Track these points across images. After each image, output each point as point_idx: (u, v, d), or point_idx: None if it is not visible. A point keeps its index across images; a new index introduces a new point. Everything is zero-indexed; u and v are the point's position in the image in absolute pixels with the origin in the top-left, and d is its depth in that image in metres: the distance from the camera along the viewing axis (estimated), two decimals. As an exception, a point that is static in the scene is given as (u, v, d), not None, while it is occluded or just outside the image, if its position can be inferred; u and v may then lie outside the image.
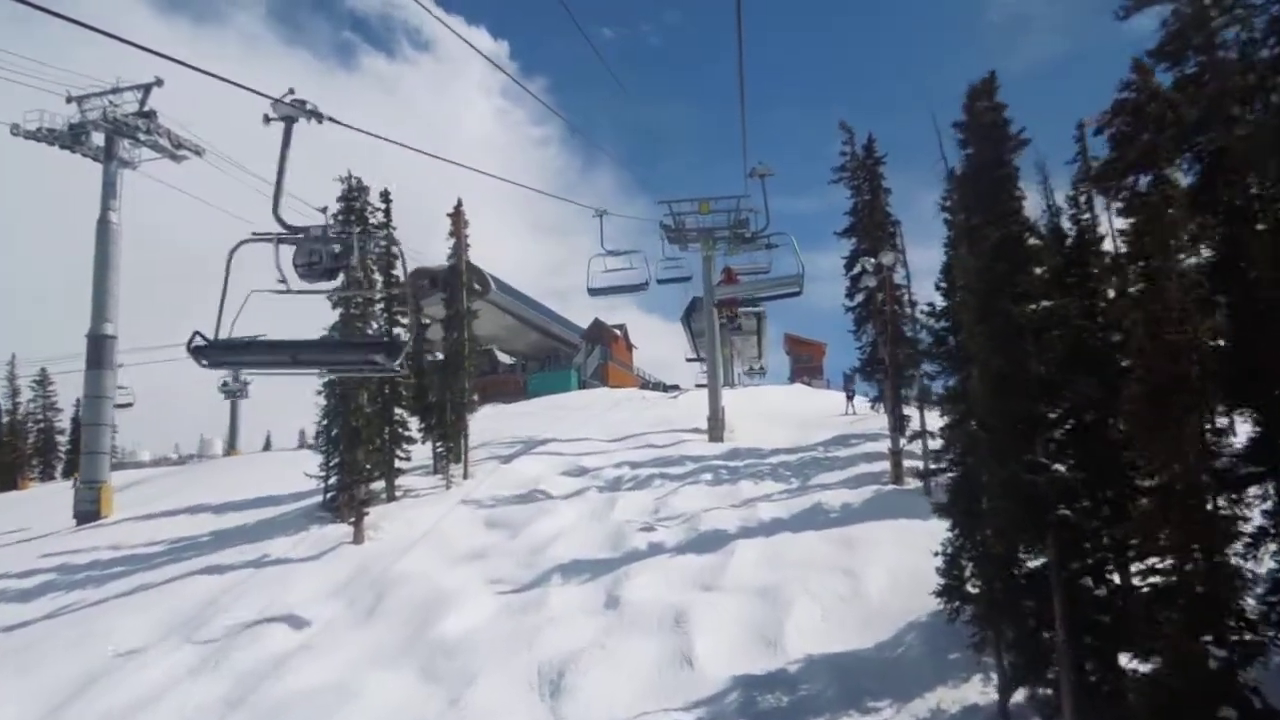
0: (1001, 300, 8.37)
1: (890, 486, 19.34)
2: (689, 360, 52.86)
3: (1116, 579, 8.48)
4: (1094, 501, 8.23)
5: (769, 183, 29.18)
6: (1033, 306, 8.34)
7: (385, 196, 24.21)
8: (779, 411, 33.68)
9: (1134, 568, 8.35)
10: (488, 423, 34.96)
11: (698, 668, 12.15)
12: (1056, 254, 8.87)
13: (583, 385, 45.70)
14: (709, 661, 12.19)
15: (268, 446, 55.39)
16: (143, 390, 46.58)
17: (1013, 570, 9.01)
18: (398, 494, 22.78)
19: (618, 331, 54.67)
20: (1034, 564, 9.11)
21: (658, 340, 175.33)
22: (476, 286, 41.37)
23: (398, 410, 23.21)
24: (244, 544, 19.96)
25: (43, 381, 56.08)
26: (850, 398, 33.29)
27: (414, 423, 24.98)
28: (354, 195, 21.20)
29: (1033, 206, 10.19)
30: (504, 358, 50.63)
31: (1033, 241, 8.77)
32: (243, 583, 17.40)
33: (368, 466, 19.81)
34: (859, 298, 24.04)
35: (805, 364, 53.67)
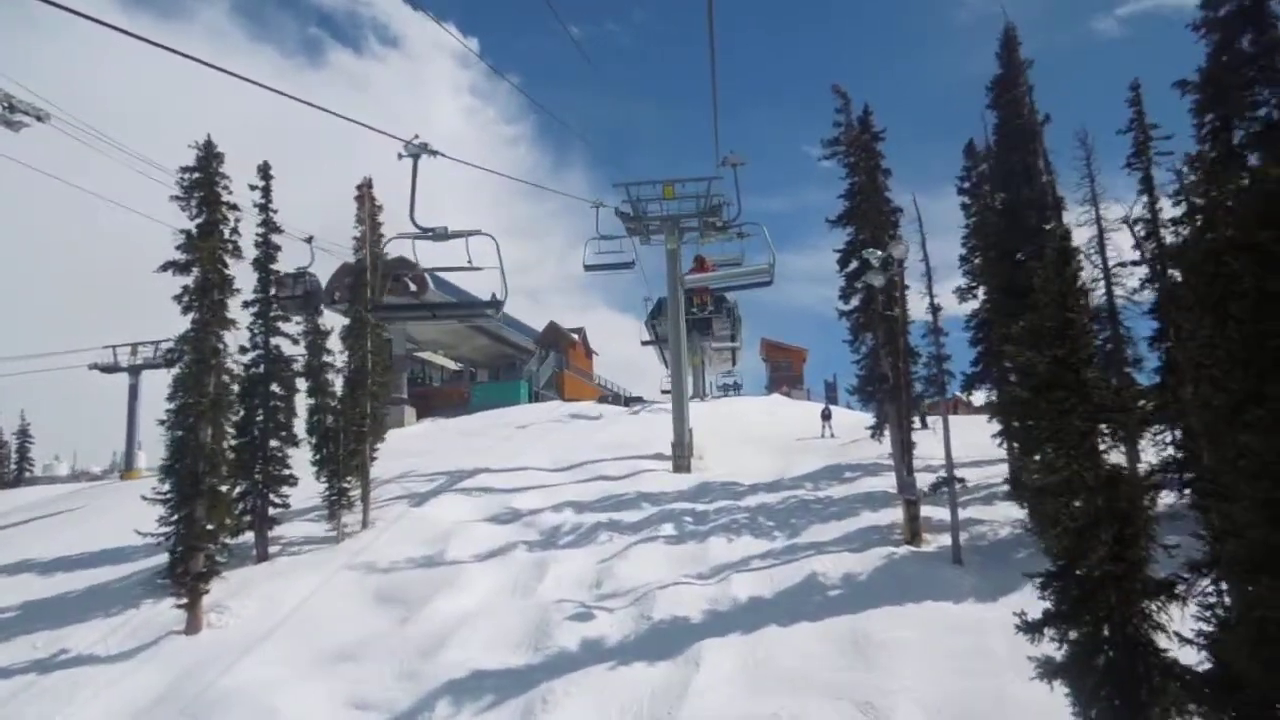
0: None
1: (905, 549, 14.78)
2: (644, 343, 45.91)
3: None
4: None
5: (740, 173, 24.78)
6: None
7: (264, 171, 19.28)
8: (756, 431, 29.25)
9: None
10: (417, 442, 29.99)
11: None
12: None
13: (535, 397, 40.56)
14: None
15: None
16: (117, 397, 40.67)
17: None
18: (272, 550, 17.82)
19: (575, 336, 49.56)
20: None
21: (625, 341, 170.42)
22: (411, 285, 36.37)
23: (274, 443, 18.24)
24: (47, 628, 14.92)
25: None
26: (827, 417, 28.71)
27: (305, 455, 20.00)
28: (204, 164, 16.15)
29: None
30: (450, 364, 45.41)
31: None
32: (11, 700, 12.40)
33: (209, 526, 14.76)
34: (856, 300, 19.52)
35: (784, 372, 49.30)
